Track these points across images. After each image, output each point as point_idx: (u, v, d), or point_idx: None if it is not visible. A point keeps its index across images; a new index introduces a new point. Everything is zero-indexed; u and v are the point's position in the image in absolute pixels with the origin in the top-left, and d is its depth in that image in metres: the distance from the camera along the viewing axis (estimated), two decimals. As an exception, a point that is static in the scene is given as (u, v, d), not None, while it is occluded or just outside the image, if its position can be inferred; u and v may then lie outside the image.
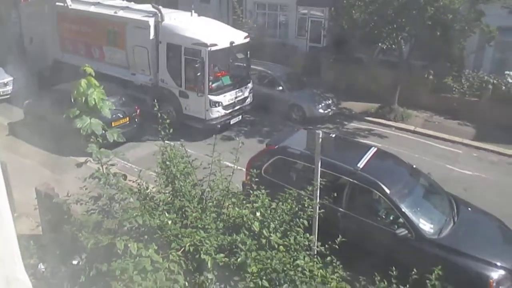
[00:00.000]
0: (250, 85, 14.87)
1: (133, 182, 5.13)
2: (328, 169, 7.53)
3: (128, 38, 14.50)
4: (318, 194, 6.40)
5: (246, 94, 14.67)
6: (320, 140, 6.82)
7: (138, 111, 13.29)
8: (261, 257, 4.23)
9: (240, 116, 14.51)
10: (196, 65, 12.97)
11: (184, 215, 4.72)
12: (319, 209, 6.22)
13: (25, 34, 17.78)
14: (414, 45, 15.41)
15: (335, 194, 7.07)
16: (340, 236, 4.88)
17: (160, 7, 14.32)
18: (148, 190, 5.01)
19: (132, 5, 15.64)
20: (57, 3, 16.18)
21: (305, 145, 7.54)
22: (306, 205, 5.09)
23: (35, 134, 12.03)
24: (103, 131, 4.58)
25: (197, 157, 5.67)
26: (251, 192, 5.17)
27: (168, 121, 5.56)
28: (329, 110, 15.56)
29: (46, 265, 5.23)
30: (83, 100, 4.27)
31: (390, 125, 15.53)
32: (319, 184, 6.38)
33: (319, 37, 21.05)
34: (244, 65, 14.98)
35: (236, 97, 14.20)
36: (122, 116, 12.72)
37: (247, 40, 14.44)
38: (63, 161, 11.50)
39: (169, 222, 4.29)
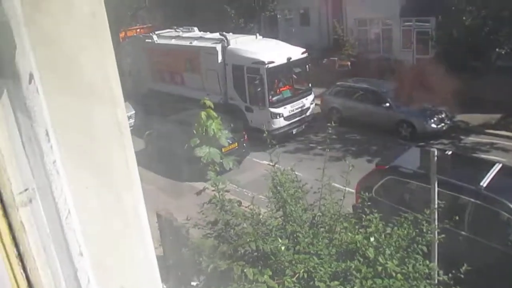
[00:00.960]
0: (311, 96, 15.73)
1: (246, 207, 5.29)
2: (447, 189, 7.01)
3: (201, 64, 16.27)
4: (436, 217, 5.97)
5: (308, 105, 15.53)
6: (436, 158, 6.38)
7: (245, 136, 13.80)
8: (378, 285, 4.05)
9: (303, 126, 15.38)
10: (256, 81, 14.25)
11: (296, 240, 4.72)
12: (439, 234, 5.78)
13: (125, 69, 20.12)
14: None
15: (457, 218, 6.54)
16: (464, 264, 4.49)
17: (230, 33, 16.48)
18: (261, 216, 5.13)
19: (204, 34, 17.65)
20: (146, 40, 18.69)
21: (418, 164, 7.14)
22: (424, 230, 4.78)
23: (155, 162, 13.10)
24: (220, 160, 4.85)
25: (306, 180, 5.68)
26: (363, 216, 5.01)
27: (277, 147, 5.68)
28: (443, 124, 14.56)
29: (168, 285, 5.60)
30: (204, 130, 4.59)
31: (516, 138, 14.00)
32: (436, 207, 5.95)
33: (427, 48, 19.99)
34: (303, 77, 15.82)
35: (297, 109, 15.15)
36: (231, 142, 13.27)
37: (305, 55, 15.42)
38: (180, 186, 12.32)
39: (282, 248, 4.33)
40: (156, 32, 19.23)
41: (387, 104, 15.12)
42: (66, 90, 0.73)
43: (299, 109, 15.25)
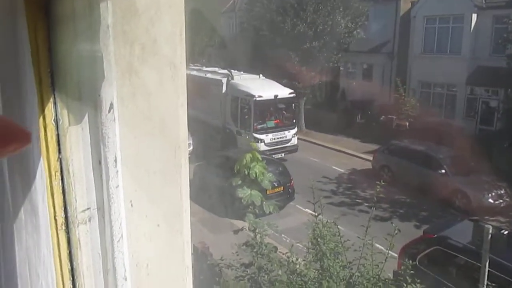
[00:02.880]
0: (293, 130, 18.39)
1: (284, 254, 5.21)
2: (498, 271, 6.53)
3: (211, 92, 19.26)
4: (484, 299, 5.57)
5: (289, 137, 18.18)
6: (490, 236, 6.02)
7: (292, 181, 13.75)
8: None
9: (283, 154, 17.83)
10: (245, 110, 17.45)
11: (330, 298, 4.56)
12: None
13: None
14: None
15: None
16: None
17: (242, 72, 19.46)
18: (297, 265, 5.02)
19: (218, 69, 20.99)
20: None
21: (469, 239, 6.79)
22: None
23: (200, 195, 13.27)
24: (261, 202, 4.86)
25: (348, 236, 5.53)
26: (404, 284, 4.77)
27: (321, 197, 5.61)
28: (501, 201, 13.73)
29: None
30: (246, 172, 4.64)
31: None
32: (486, 288, 5.56)
33: (492, 119, 19.30)
34: (289, 114, 18.65)
35: (278, 138, 17.82)
36: (277, 185, 13.23)
37: (292, 95, 18.42)
38: (220, 222, 12.36)
39: (315, 303, 4.19)
40: None
41: (443, 171, 14.57)
42: (139, 122, 0.80)
43: (280, 139, 17.97)
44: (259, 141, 17.16)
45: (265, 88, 18.25)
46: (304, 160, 18.05)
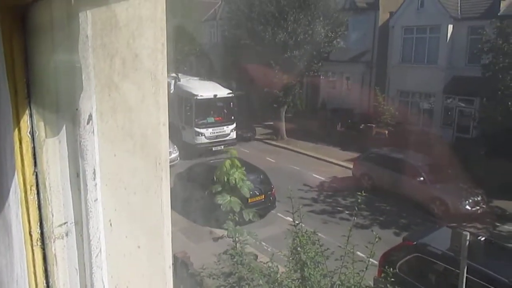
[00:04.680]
0: (232, 126, 20.59)
1: (265, 263, 5.18)
2: (476, 277, 6.64)
3: None
4: (462, 306, 5.65)
5: (228, 131, 20.47)
6: (467, 242, 6.13)
7: (273, 190, 13.75)
8: None
9: (222, 146, 19.64)
10: (188, 108, 19.79)
11: (311, 307, 4.55)
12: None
13: None
14: None
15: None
16: None
17: (187, 75, 22.55)
18: (278, 275, 5.00)
19: (169, 74, 23.19)
20: None
21: (448, 245, 6.88)
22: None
23: (181, 203, 13.14)
24: (241, 210, 4.84)
25: (329, 245, 5.55)
26: (385, 292, 4.80)
27: (301, 206, 5.62)
28: (478, 207, 14.00)
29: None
30: (225, 179, 4.63)
31: (557, 232, 13.26)
32: (464, 294, 5.64)
33: (468, 127, 19.73)
34: (228, 111, 20.74)
35: (217, 132, 20.17)
36: (258, 194, 13.22)
37: (230, 95, 20.69)
38: (201, 231, 12.25)
39: (296, 312, 4.17)
40: None
41: (421, 179, 14.79)
42: (119, 139, 0.78)
43: (220, 133, 20.24)
44: (200, 135, 19.89)
45: (206, 89, 20.70)
46: (286, 168, 18.10)
